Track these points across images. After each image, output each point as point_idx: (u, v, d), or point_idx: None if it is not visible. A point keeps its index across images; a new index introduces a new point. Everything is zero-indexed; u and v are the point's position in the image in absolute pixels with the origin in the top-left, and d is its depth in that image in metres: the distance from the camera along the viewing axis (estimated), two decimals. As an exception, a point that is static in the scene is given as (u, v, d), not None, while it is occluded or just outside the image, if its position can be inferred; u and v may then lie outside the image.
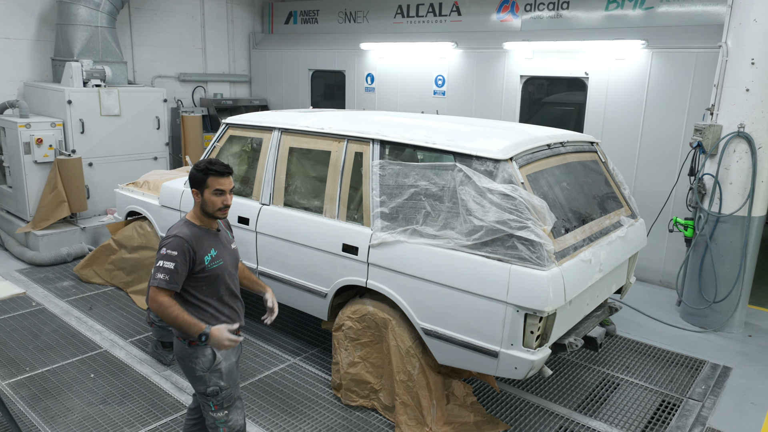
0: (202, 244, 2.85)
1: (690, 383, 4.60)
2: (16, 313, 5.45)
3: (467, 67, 7.79)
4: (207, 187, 2.86)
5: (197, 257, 2.82)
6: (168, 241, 2.80)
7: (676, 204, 6.21)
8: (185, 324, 2.72)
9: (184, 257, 2.77)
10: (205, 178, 2.85)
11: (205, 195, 2.87)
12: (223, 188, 2.87)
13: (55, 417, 3.91)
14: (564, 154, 4.12)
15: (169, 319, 2.72)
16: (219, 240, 2.98)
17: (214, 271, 2.88)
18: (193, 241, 2.82)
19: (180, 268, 2.76)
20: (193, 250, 2.81)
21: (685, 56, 6.12)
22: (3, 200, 7.67)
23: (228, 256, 3.01)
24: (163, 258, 2.76)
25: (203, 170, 2.85)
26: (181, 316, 2.72)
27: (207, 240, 2.90)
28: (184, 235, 2.81)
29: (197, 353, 2.87)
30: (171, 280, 2.74)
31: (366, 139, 4.06)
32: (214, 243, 2.93)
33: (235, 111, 9.67)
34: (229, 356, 2.98)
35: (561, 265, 3.39)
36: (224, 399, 2.94)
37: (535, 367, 3.43)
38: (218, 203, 2.87)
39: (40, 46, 7.99)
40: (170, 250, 2.76)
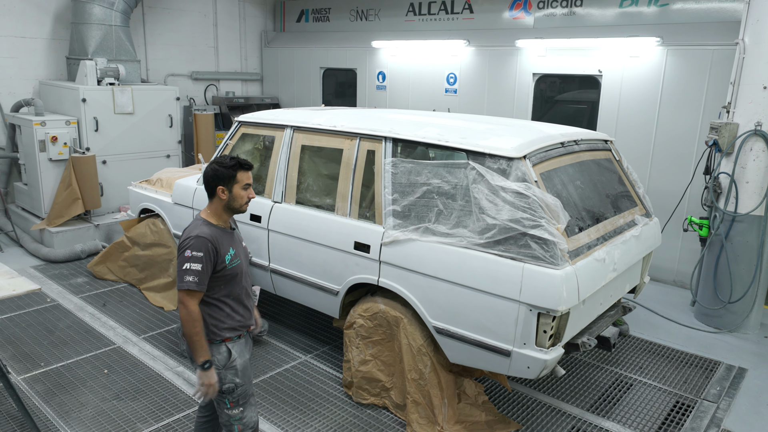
0: (222, 243, 2.84)
1: (704, 384, 4.55)
2: (32, 309, 5.51)
3: (479, 65, 7.76)
4: (237, 182, 2.85)
5: (219, 257, 2.81)
6: (191, 242, 2.76)
7: (691, 203, 6.14)
8: (198, 345, 2.74)
9: (209, 257, 2.76)
10: (234, 173, 2.84)
11: (234, 190, 2.86)
12: (249, 182, 2.90)
13: (69, 412, 3.95)
14: (578, 153, 4.08)
15: (190, 330, 2.72)
16: (234, 238, 2.97)
17: (233, 270, 2.88)
18: (215, 241, 2.80)
19: (206, 268, 2.75)
20: (216, 250, 2.79)
21: (701, 53, 6.05)
22: (19, 197, 7.76)
23: (243, 254, 3.01)
24: (188, 260, 2.73)
25: (232, 166, 2.84)
26: (199, 335, 2.74)
27: (226, 239, 2.89)
28: (206, 234, 2.78)
29: (212, 350, 2.87)
30: (200, 282, 2.73)
31: (378, 137, 4.05)
32: (231, 242, 2.92)
33: (247, 109, 9.70)
34: (243, 353, 2.97)
35: (575, 264, 3.37)
36: (240, 396, 2.94)
37: (548, 367, 3.41)
38: (245, 197, 2.88)
39: (56, 44, 8.07)
40: (195, 252, 2.73)
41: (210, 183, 2.87)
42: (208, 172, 2.87)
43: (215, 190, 2.87)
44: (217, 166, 2.85)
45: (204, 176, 2.90)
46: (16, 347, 4.78)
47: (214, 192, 2.87)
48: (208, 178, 2.87)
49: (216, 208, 2.91)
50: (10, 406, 3.92)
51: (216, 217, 2.91)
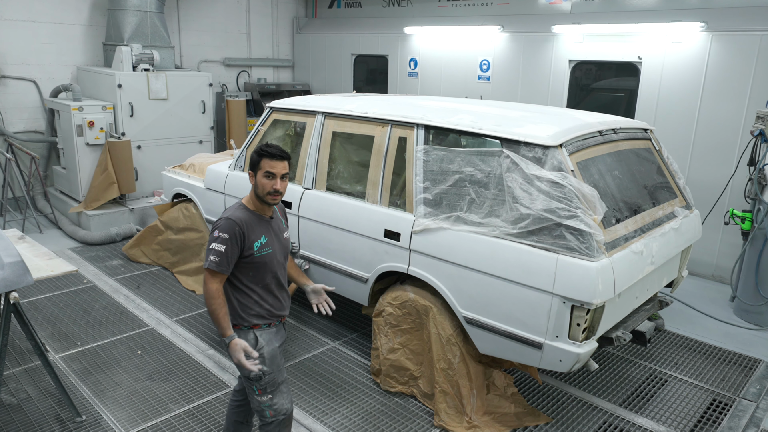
0: (253, 229, 2.84)
1: (743, 383, 4.41)
2: (69, 290, 5.66)
3: (513, 52, 7.60)
4: (260, 169, 2.85)
5: (247, 242, 2.81)
6: (220, 224, 2.80)
7: (733, 195, 5.92)
8: (218, 321, 2.76)
9: (235, 240, 2.77)
10: (259, 159, 2.85)
11: (257, 177, 2.86)
12: (273, 171, 2.83)
13: (104, 391, 4.05)
14: (616, 141, 3.96)
15: (209, 308, 2.77)
16: (271, 227, 2.95)
17: (262, 258, 2.87)
18: (244, 225, 2.80)
19: (230, 251, 2.76)
20: (244, 234, 2.80)
21: (748, 39, 5.79)
22: (57, 181, 7.96)
23: (278, 245, 2.97)
24: (214, 240, 2.78)
25: (258, 152, 2.86)
26: (219, 312, 2.75)
27: (259, 226, 2.88)
28: (236, 218, 2.81)
29: (240, 336, 2.88)
30: (221, 263, 2.75)
31: (410, 123, 4.00)
32: (265, 230, 2.90)
33: (278, 95, 9.73)
34: (272, 341, 2.96)
35: (611, 256, 3.27)
36: (267, 384, 2.92)
37: (580, 361, 3.34)
38: (268, 186, 2.84)
39: (93, 31, 8.21)
40: (222, 233, 2.77)
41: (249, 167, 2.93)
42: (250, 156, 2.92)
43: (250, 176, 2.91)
44: (253, 152, 2.90)
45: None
46: (54, 326, 4.92)
47: (250, 178, 2.91)
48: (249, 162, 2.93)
49: (252, 193, 2.93)
50: (49, 383, 4.04)
51: (252, 203, 2.91)
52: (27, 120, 7.88)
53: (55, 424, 3.67)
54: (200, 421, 3.76)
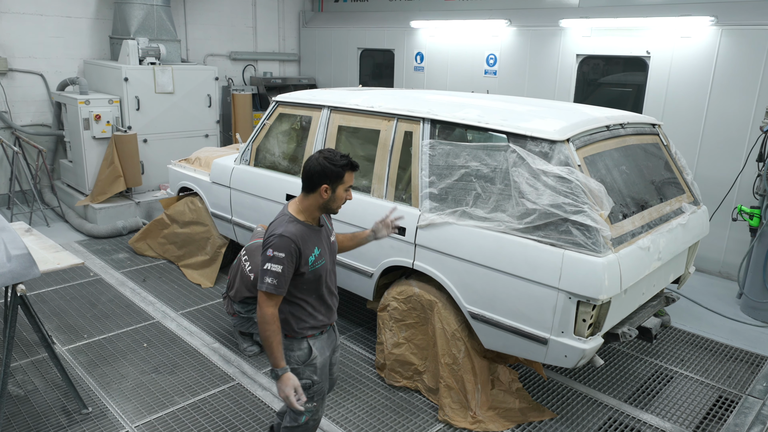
0: (306, 243, 2.64)
1: (750, 380, 4.38)
2: (76, 283, 5.69)
3: (520, 46, 7.55)
4: (342, 183, 2.65)
5: (302, 258, 2.62)
6: (273, 241, 2.58)
7: (741, 191, 5.88)
8: (271, 349, 2.59)
9: (291, 259, 2.58)
10: (343, 173, 2.62)
11: (338, 191, 2.65)
12: (349, 182, 2.69)
13: (110, 383, 4.07)
14: (624, 137, 3.93)
15: (263, 334, 2.59)
16: (321, 236, 2.76)
17: (316, 271, 2.71)
18: (299, 241, 2.60)
19: (287, 270, 2.57)
20: (299, 251, 2.60)
21: (759, 34, 5.73)
22: (64, 174, 7.99)
23: (329, 253, 2.81)
24: (269, 260, 2.56)
25: (343, 165, 2.61)
26: (273, 340, 2.58)
27: (312, 238, 2.68)
28: (290, 234, 2.58)
29: (293, 345, 2.79)
30: (279, 285, 2.56)
31: (416, 118, 3.98)
32: (317, 241, 2.71)
33: (284, 90, 9.71)
34: (324, 350, 2.88)
35: (617, 252, 3.26)
36: (315, 393, 2.86)
37: (586, 356, 3.33)
38: (344, 199, 2.71)
39: (99, 24, 8.22)
40: (276, 252, 2.55)
41: (314, 178, 2.61)
42: (314, 166, 2.61)
43: (318, 187, 2.62)
44: (326, 163, 2.60)
45: (308, 170, 2.63)
46: (61, 319, 4.95)
47: (316, 188, 2.63)
48: (314, 173, 2.61)
49: (310, 204, 2.68)
50: (55, 375, 4.07)
51: (306, 214, 2.70)
52: (34, 113, 7.90)
53: (61, 415, 3.69)
54: (206, 413, 3.77)
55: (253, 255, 4.36)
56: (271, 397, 3.98)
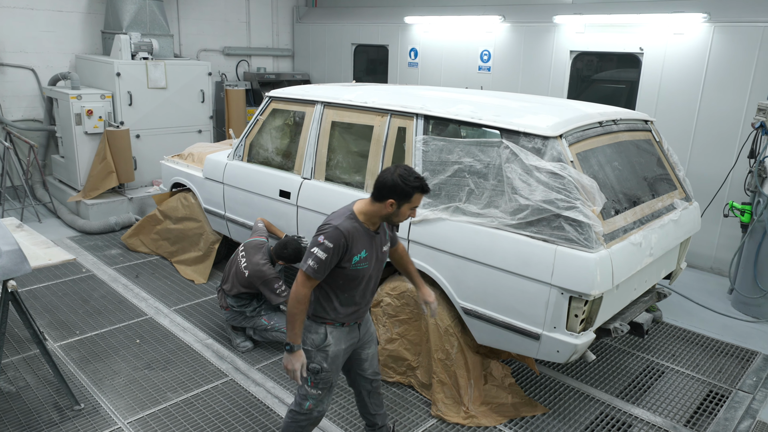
0: (356, 242, 2.73)
1: (740, 374, 4.42)
2: (68, 279, 5.66)
3: (514, 42, 7.55)
4: (409, 202, 2.73)
5: (347, 254, 2.72)
6: (328, 231, 2.69)
7: (733, 187, 5.91)
8: (293, 326, 2.71)
9: (337, 251, 2.68)
10: (413, 193, 2.70)
11: (403, 208, 2.74)
12: (417, 204, 2.78)
13: (102, 379, 4.06)
14: (616, 133, 3.95)
15: (290, 310, 2.71)
16: (373, 242, 2.83)
17: (357, 271, 2.79)
18: (350, 237, 2.70)
19: (330, 260, 2.68)
20: (348, 246, 2.70)
21: (750, 31, 5.75)
22: (56, 169, 7.94)
23: (375, 260, 2.88)
24: (318, 245, 2.67)
25: (414, 186, 2.69)
26: (298, 319, 2.71)
27: (363, 240, 2.77)
28: (344, 229, 2.69)
29: (312, 328, 2.86)
30: (318, 270, 2.67)
31: (410, 113, 3.98)
32: (368, 244, 2.80)
33: (278, 85, 9.68)
34: (340, 341, 2.91)
35: (609, 247, 3.27)
36: (322, 380, 2.91)
37: (578, 352, 3.34)
38: (408, 216, 2.80)
39: (91, 18, 8.16)
40: (327, 241, 2.66)
41: (383, 190, 2.71)
42: (387, 180, 2.70)
43: (385, 199, 2.72)
44: (399, 180, 2.67)
45: (380, 181, 2.72)
46: (53, 315, 4.93)
47: (383, 199, 2.72)
48: (385, 185, 2.70)
49: (374, 211, 2.77)
50: (47, 371, 4.05)
51: (367, 217, 2.78)
52: (25, 108, 7.84)
53: (53, 412, 3.68)
54: (198, 410, 3.77)
55: (250, 253, 4.36)
56: (264, 392, 3.98)
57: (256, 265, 4.27)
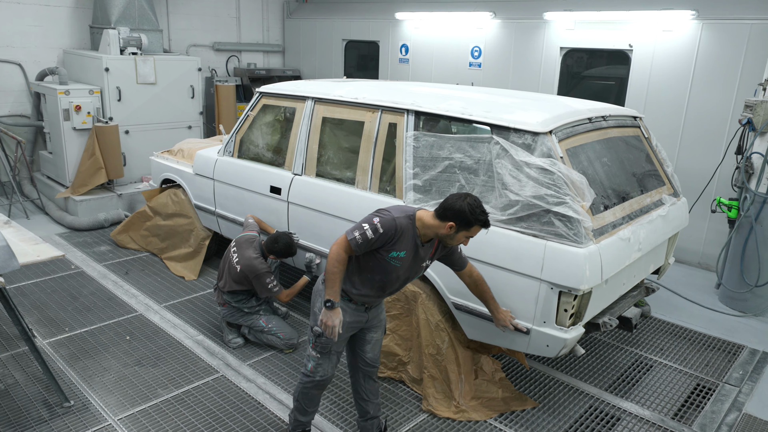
0: (402, 242, 2.87)
1: (727, 368, 4.48)
2: (56, 275, 5.62)
3: (505, 38, 7.57)
4: (468, 231, 2.85)
5: (389, 246, 2.86)
6: (386, 217, 2.83)
7: (721, 183, 5.97)
8: (332, 283, 2.87)
9: (383, 238, 2.82)
10: (474, 224, 2.83)
11: (459, 234, 2.87)
12: (473, 236, 2.91)
13: (92, 376, 4.04)
14: (605, 129, 3.97)
15: (330, 269, 2.87)
16: (417, 251, 2.95)
17: (387, 265, 2.91)
18: (400, 234, 2.84)
19: (374, 241, 2.82)
20: (394, 240, 2.84)
21: (738, 28, 5.81)
22: (44, 165, 7.87)
23: (409, 267, 2.98)
24: (370, 224, 2.82)
25: (478, 220, 2.81)
26: (337, 277, 2.87)
27: (409, 243, 2.90)
28: (400, 225, 2.83)
29: (323, 294, 3.00)
30: (361, 245, 2.83)
31: (400, 109, 3.98)
32: (410, 249, 2.91)
33: (268, 81, 9.64)
34: (345, 314, 3.02)
35: (599, 242, 3.30)
36: (322, 344, 3.06)
37: (567, 346, 3.37)
38: (461, 242, 2.92)
39: (79, 13, 8.07)
40: (381, 225, 2.81)
41: (448, 213, 2.84)
42: (455, 204, 2.82)
43: (446, 221, 2.85)
44: (467, 209, 2.80)
45: (449, 203, 2.84)
46: (41, 312, 4.89)
47: (444, 220, 2.85)
48: (451, 209, 2.82)
49: (432, 226, 2.89)
50: (36, 369, 4.02)
51: (423, 228, 2.90)
52: (12, 104, 7.76)
53: (43, 409, 3.66)
54: (189, 406, 3.76)
55: (242, 247, 4.35)
56: (256, 388, 3.98)
57: (248, 259, 4.26)
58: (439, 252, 3.10)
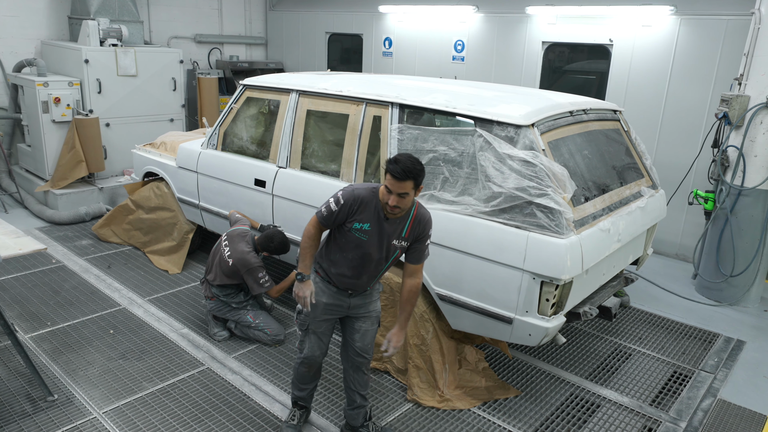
0: (364, 212, 2.95)
1: (702, 356, 4.60)
2: (37, 270, 5.55)
3: (488, 33, 7.62)
4: (386, 179, 2.84)
5: (353, 217, 2.95)
6: (347, 190, 2.99)
7: (698, 176, 6.11)
8: (303, 257, 3.04)
9: (345, 208, 2.94)
10: (386, 172, 2.84)
11: (383, 189, 2.89)
12: (391, 188, 2.82)
13: (76, 370, 4.02)
14: (586, 122, 4.04)
15: (302, 243, 3.04)
16: (381, 225, 2.96)
17: (353, 237, 2.98)
18: (361, 204, 2.94)
19: (337, 214, 2.96)
20: (355, 210, 2.94)
21: (715, 23, 5.93)
22: (22, 159, 7.75)
23: (377, 243, 2.98)
24: (334, 198, 2.98)
25: (387, 168, 2.83)
26: (308, 252, 3.04)
27: (372, 215, 2.95)
28: (360, 195, 2.95)
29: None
30: (326, 219, 2.99)
31: (385, 102, 4.01)
32: (375, 223, 2.96)
33: (251, 74, 9.57)
34: (322, 294, 3.15)
35: (579, 233, 3.37)
36: (301, 321, 3.22)
37: (549, 335, 3.44)
38: (385, 199, 2.87)
39: (57, 3, 7.94)
40: (342, 197, 2.96)
41: None
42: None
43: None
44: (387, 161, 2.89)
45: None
46: (22, 306, 4.84)
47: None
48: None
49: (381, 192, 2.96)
50: (18, 363, 3.99)
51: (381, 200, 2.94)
52: (-11, 96, 7.62)
53: (26, 403, 3.63)
54: (174, 398, 3.76)
55: (234, 241, 4.34)
56: (241, 380, 3.99)
57: (240, 253, 4.26)
58: (414, 234, 3.04)
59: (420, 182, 2.86)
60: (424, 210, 3.04)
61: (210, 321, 4.55)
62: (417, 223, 3.02)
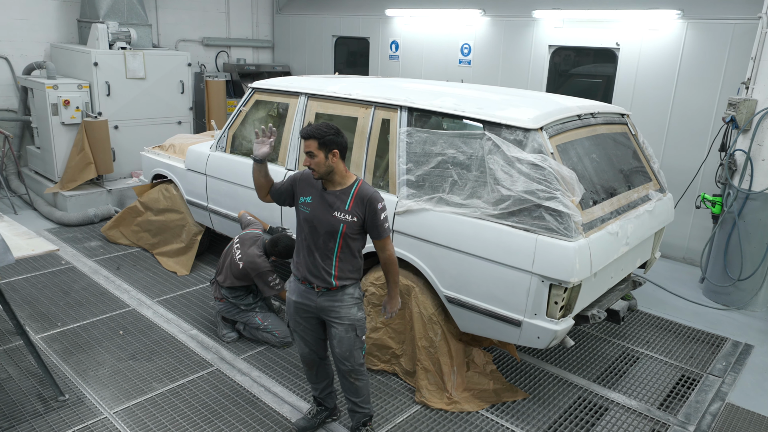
0: (305, 187, 3.18)
1: (710, 359, 4.60)
2: (47, 271, 5.59)
3: (494, 36, 7.64)
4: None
5: (296, 194, 3.21)
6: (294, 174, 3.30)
7: (705, 180, 6.10)
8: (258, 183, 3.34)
9: (289, 184, 3.25)
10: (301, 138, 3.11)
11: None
12: (305, 149, 3.04)
13: (86, 370, 4.05)
14: (594, 126, 4.06)
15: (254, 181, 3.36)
16: (322, 197, 3.12)
17: (301, 212, 3.18)
18: (300, 181, 3.20)
19: (285, 185, 3.27)
20: (297, 184, 3.21)
21: (722, 27, 5.93)
22: (32, 161, 7.81)
23: (320, 214, 3.10)
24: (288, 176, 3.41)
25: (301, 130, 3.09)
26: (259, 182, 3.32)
27: (311, 188, 3.16)
28: (299, 173, 3.25)
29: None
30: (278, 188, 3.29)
31: (394, 105, 4.03)
32: (315, 194, 3.14)
33: (258, 77, 9.63)
34: (292, 292, 3.28)
35: (588, 236, 3.38)
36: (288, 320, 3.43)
37: (557, 338, 3.45)
38: (305, 162, 3.06)
39: (67, 6, 8.01)
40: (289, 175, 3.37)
41: None
42: None
43: None
44: None
45: None
46: (33, 307, 4.88)
47: None
48: None
49: None
50: (30, 363, 4.02)
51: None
52: (-1, 98, 7.69)
53: (37, 403, 3.66)
54: (184, 399, 3.79)
55: (245, 244, 4.37)
56: (251, 381, 4.02)
57: (251, 256, 4.28)
58: (359, 209, 3.06)
59: (328, 144, 2.97)
60: (367, 186, 3.13)
61: (219, 322, 4.58)
62: (359, 198, 3.07)
